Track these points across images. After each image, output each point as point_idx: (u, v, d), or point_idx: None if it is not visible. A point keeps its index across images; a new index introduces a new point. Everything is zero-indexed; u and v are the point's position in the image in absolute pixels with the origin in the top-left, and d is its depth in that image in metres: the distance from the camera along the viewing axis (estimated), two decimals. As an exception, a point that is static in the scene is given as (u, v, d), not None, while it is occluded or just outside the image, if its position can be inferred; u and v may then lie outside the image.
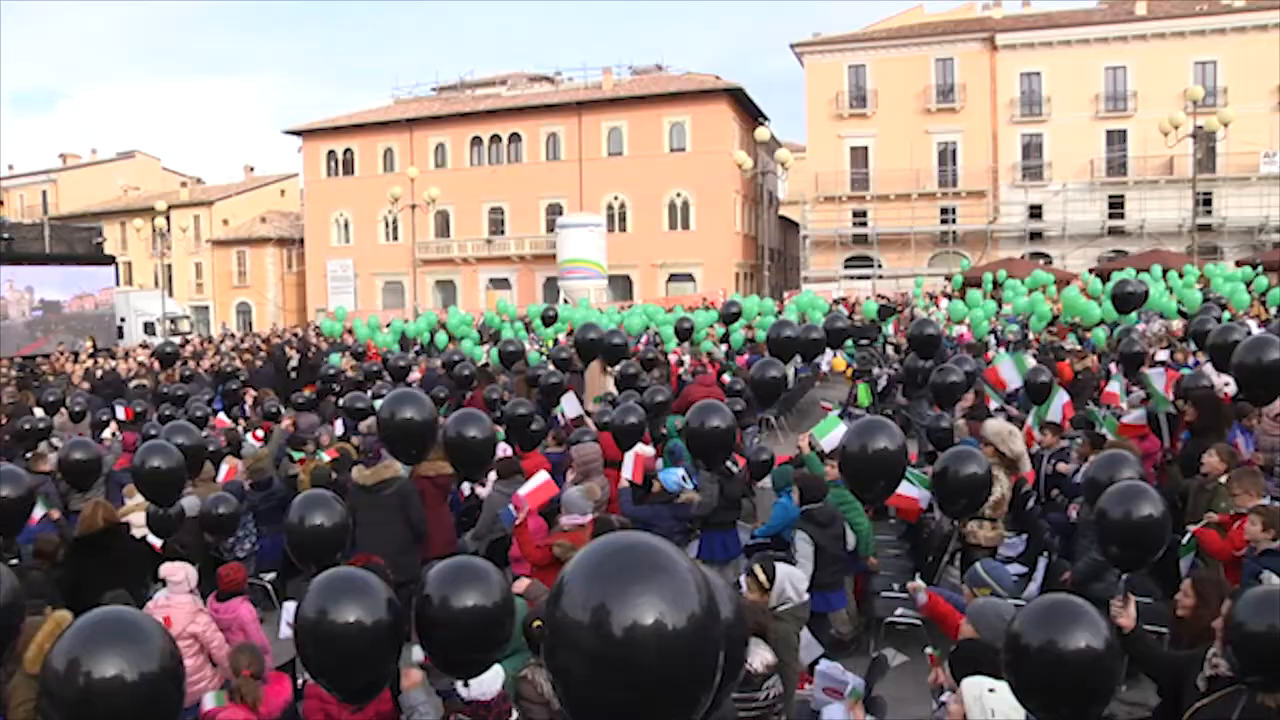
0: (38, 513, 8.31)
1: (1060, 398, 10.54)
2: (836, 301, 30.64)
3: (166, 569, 7.11)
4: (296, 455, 11.85)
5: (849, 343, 19.39)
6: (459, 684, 4.74)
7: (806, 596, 6.31)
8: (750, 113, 53.92)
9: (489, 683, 4.76)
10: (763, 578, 5.99)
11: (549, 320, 23.92)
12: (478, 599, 4.22)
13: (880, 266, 48.11)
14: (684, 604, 2.29)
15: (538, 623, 5.35)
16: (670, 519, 8.28)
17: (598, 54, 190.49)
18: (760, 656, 5.29)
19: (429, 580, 4.35)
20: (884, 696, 5.78)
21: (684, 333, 19.05)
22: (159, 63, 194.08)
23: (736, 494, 9.26)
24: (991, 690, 4.30)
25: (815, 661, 6.24)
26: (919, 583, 6.20)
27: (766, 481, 10.37)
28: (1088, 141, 46.24)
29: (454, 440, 7.92)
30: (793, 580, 6.21)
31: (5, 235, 39.01)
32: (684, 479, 8.46)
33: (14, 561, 7.58)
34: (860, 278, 46.94)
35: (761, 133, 39.03)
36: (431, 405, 7.94)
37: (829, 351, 18.59)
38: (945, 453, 7.73)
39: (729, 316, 21.41)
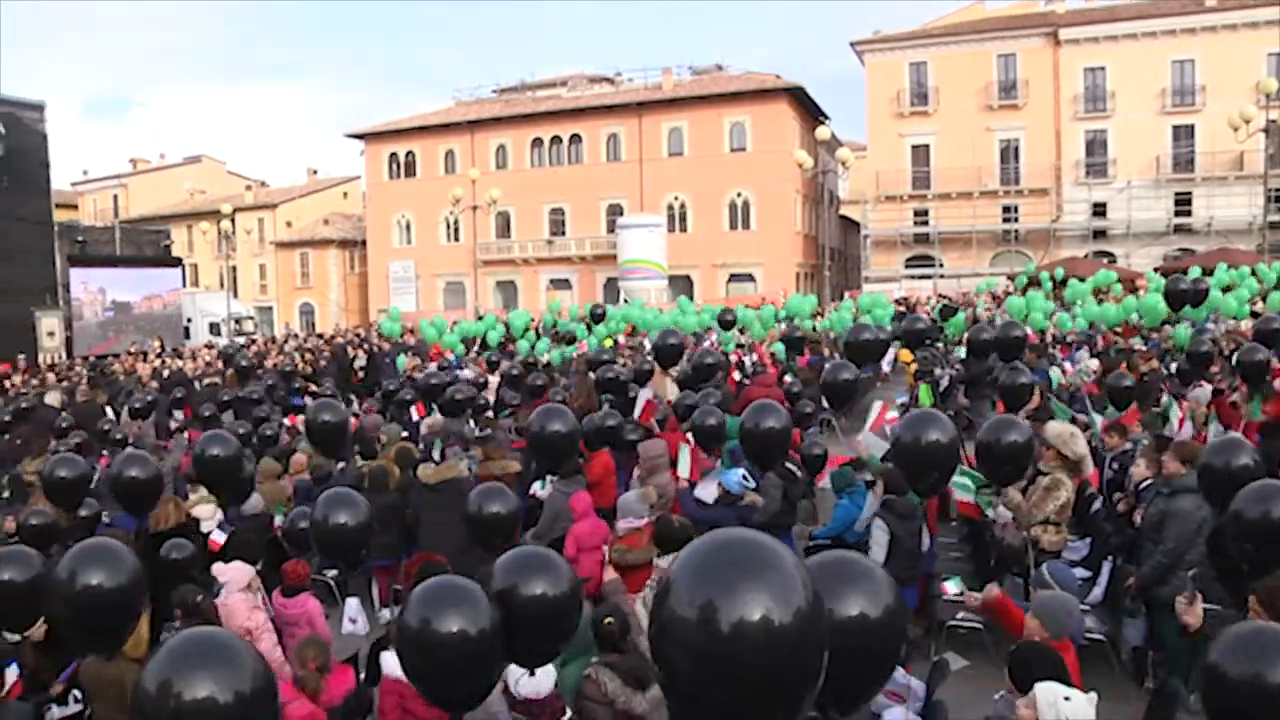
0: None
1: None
2: (899, 302, 30.43)
3: (217, 569, 7.31)
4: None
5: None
6: (511, 682, 4.79)
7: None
8: (811, 112, 53.63)
9: (541, 681, 4.80)
10: None
11: (598, 318, 24.00)
12: (547, 587, 4.20)
13: (942, 266, 47.69)
14: (791, 600, 2.33)
15: (609, 619, 5.43)
16: (733, 521, 8.02)
17: (658, 54, 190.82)
18: None
19: (497, 569, 4.31)
20: (945, 701, 5.79)
21: (727, 324, 18.98)
22: (225, 69, 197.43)
23: (796, 496, 9.25)
24: (1067, 699, 4.30)
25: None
26: (994, 587, 6.19)
27: (826, 482, 10.33)
28: (1153, 137, 45.28)
29: (537, 435, 8.02)
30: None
31: (79, 239, 40.01)
32: (745, 480, 8.34)
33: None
34: (921, 277, 46.46)
35: (822, 132, 38.87)
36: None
37: (890, 350, 18.55)
38: (988, 423, 7.79)
39: (725, 323, 21.25)
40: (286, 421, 14.18)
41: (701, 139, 52.35)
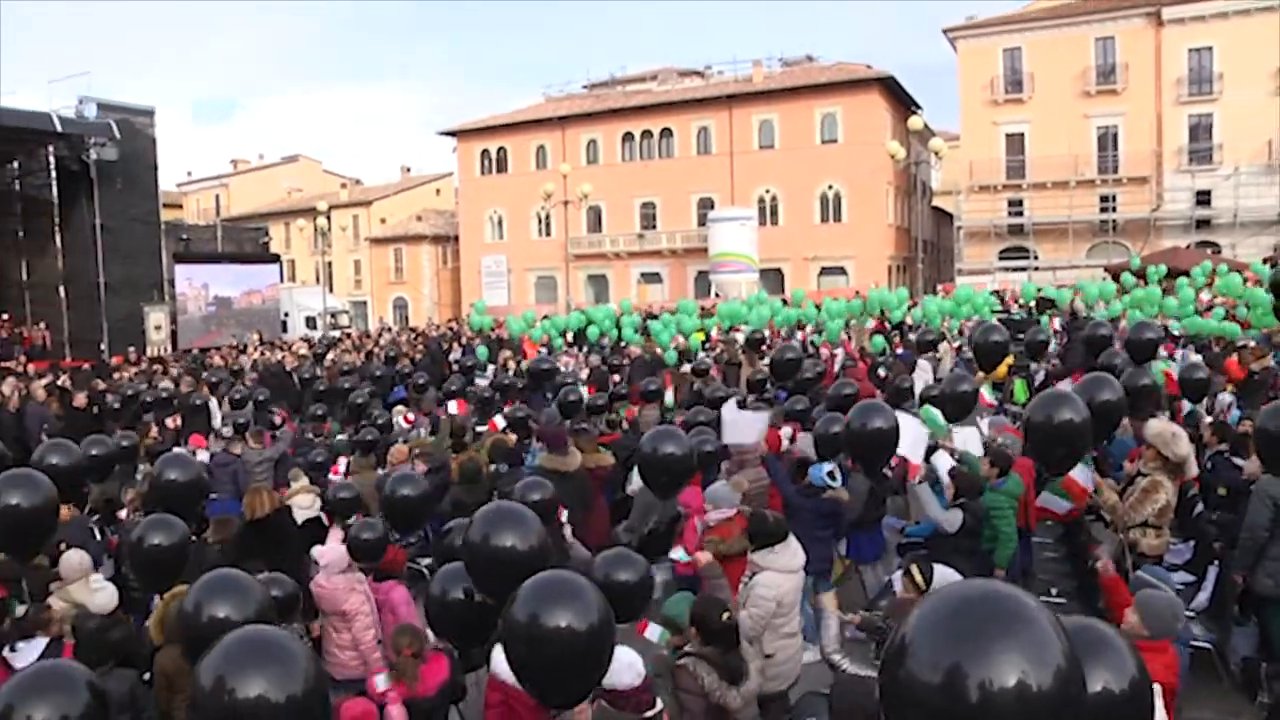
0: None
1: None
2: (995, 293, 29.88)
3: (317, 552, 7.51)
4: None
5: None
6: None
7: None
8: (902, 101, 53.02)
9: (627, 666, 4.80)
10: (919, 578, 5.87)
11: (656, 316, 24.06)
12: (571, 620, 3.80)
13: (1036, 258, 46.80)
14: (1048, 661, 2.08)
15: (726, 614, 5.44)
16: (811, 513, 8.02)
17: (748, 47, 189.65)
18: None
19: (519, 597, 3.94)
20: None
21: (755, 344, 18.66)
22: (321, 71, 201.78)
23: (886, 492, 9.19)
24: None
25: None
26: (1107, 559, 6.10)
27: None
28: (1264, 120, 43.37)
29: (650, 457, 7.74)
30: (949, 581, 6.19)
31: (184, 236, 41.17)
32: (832, 475, 8.19)
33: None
34: (1016, 269, 45.39)
35: (914, 122, 38.34)
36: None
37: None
38: (1037, 398, 7.65)
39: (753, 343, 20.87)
40: (403, 422, 14.37)
41: (792, 131, 52.06)
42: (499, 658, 5.44)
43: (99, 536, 9.09)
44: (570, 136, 57.66)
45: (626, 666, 4.74)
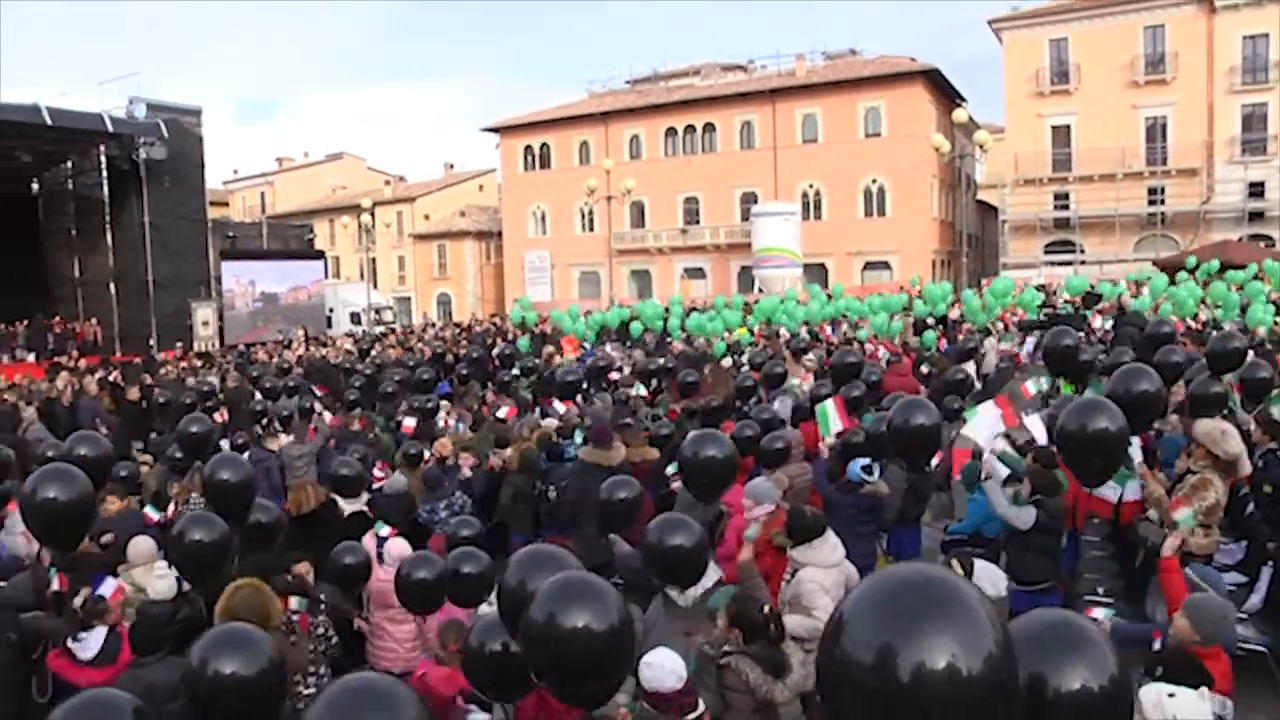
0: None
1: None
2: (1039, 287, 29.58)
3: (389, 546, 7.61)
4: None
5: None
6: (640, 669, 4.78)
7: (1005, 593, 6.20)
8: (947, 94, 52.60)
9: (670, 672, 4.79)
10: (960, 571, 5.79)
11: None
12: (590, 620, 3.73)
13: (1083, 251, 46.19)
14: (980, 647, 2.12)
15: (765, 608, 5.45)
16: (853, 509, 7.95)
17: (790, 41, 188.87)
18: None
19: (538, 597, 3.88)
20: None
21: (800, 351, 18.62)
22: (365, 69, 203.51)
23: (927, 489, 9.12)
24: (1171, 695, 4.19)
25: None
26: (1106, 620, 5.99)
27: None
28: (1322, 109, 42.40)
29: (691, 460, 7.63)
30: (991, 578, 6.11)
31: (230, 234, 41.75)
32: (868, 470, 8.11)
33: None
34: (1062, 263, 44.71)
35: (959, 114, 38.00)
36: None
37: (1028, 341, 18.14)
38: (1068, 406, 7.49)
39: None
40: (444, 421, 14.42)
41: (836, 125, 51.81)
42: None
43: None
44: (613, 132, 57.71)
45: (669, 672, 4.73)
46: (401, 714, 2.96)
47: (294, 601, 6.45)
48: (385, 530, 8.12)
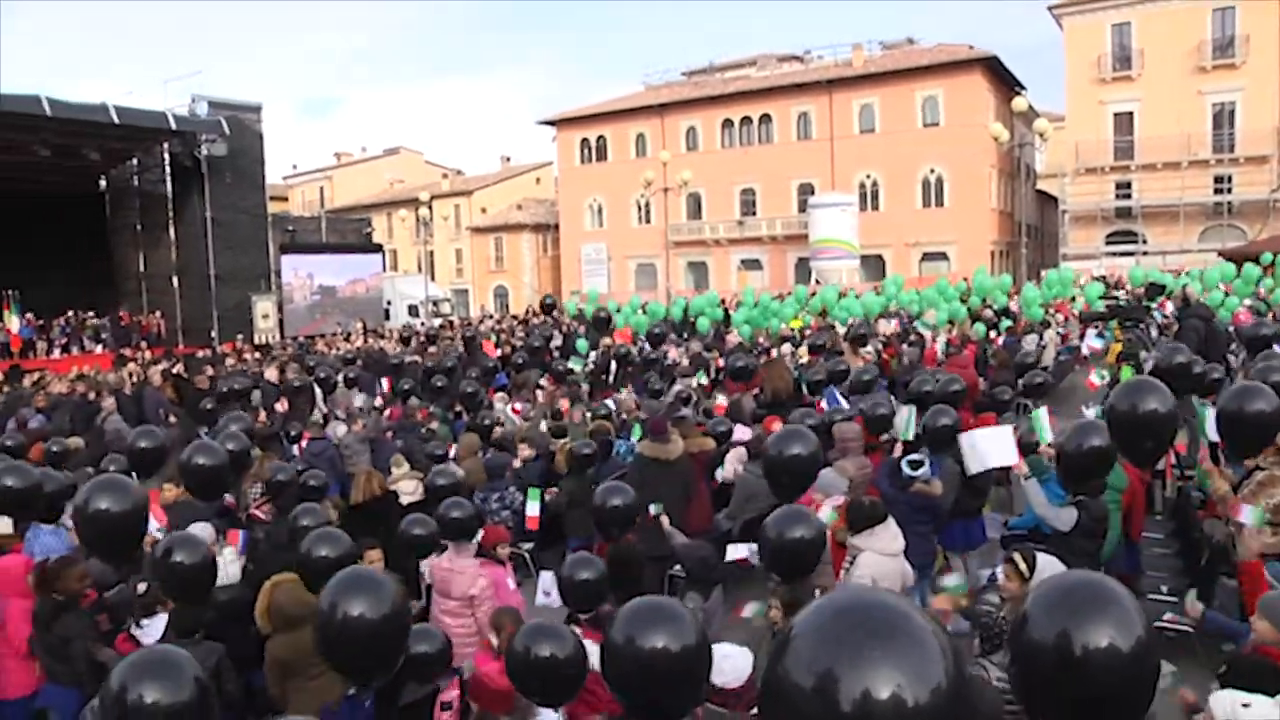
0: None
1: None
2: (1100, 279, 29.13)
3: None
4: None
5: (1113, 323, 18.62)
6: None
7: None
8: (1006, 82, 51.84)
9: (740, 667, 4.75)
10: (1023, 565, 5.75)
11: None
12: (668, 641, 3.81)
13: (1145, 242, 45.13)
14: (928, 677, 2.02)
15: (820, 591, 5.40)
16: (906, 506, 7.83)
17: (847, 30, 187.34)
18: None
19: (618, 619, 4.00)
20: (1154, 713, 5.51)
21: (859, 339, 18.44)
22: (421, 65, 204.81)
23: (985, 482, 9.04)
24: (1246, 705, 4.08)
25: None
26: (1196, 603, 5.90)
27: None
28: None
29: (775, 460, 7.58)
30: (1055, 572, 6.06)
31: (290, 228, 42.28)
32: (915, 464, 8.05)
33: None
34: (1123, 254, 43.81)
35: (1018, 103, 37.31)
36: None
37: (1090, 333, 17.90)
38: (1121, 386, 7.40)
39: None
40: (510, 412, 14.51)
41: (893, 115, 51.35)
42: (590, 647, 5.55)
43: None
44: (669, 124, 57.64)
45: (734, 665, 4.70)
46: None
47: None
48: None
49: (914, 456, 8.06)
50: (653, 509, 8.26)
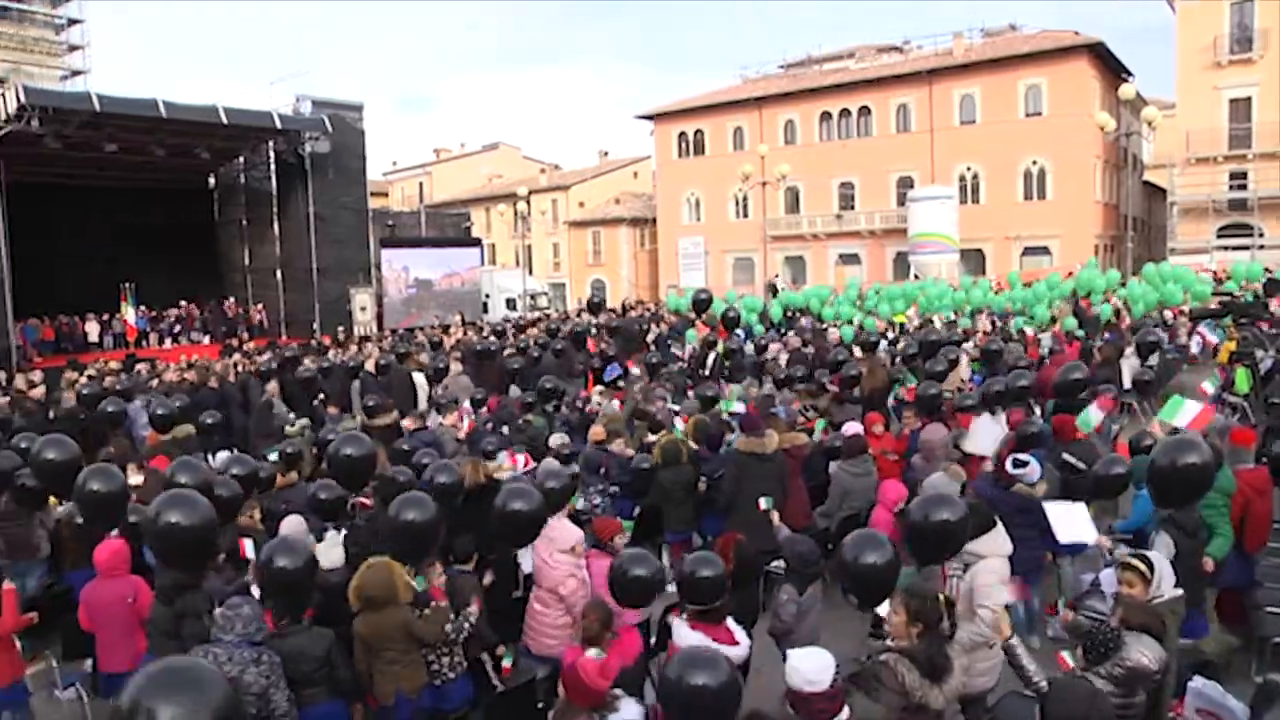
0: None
1: None
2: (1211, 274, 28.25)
3: (551, 526, 7.58)
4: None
5: (1226, 320, 18.07)
6: (787, 672, 4.68)
7: (1179, 590, 5.93)
8: (1112, 69, 50.42)
9: (821, 671, 4.66)
10: (1143, 567, 5.71)
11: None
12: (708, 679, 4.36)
13: (1261, 235, 43.30)
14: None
15: (941, 598, 5.35)
16: (1006, 508, 7.64)
17: (947, 19, 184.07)
18: (1154, 652, 5.04)
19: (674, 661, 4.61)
20: None
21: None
22: (520, 59, 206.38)
23: (1083, 488, 8.79)
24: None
25: (1188, 678, 5.65)
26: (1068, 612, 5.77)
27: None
28: None
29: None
30: (1167, 572, 5.90)
31: (389, 223, 43.14)
32: (1020, 464, 8.01)
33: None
34: (1236, 248, 41.93)
35: (1125, 90, 36.22)
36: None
37: (1203, 326, 17.38)
38: (1162, 443, 7.20)
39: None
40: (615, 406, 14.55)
41: (995, 105, 50.30)
42: (681, 628, 5.56)
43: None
44: (767, 117, 57.30)
45: (806, 673, 4.62)
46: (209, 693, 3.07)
47: (416, 581, 6.61)
48: None
49: (1020, 455, 7.94)
50: (763, 503, 8.36)
